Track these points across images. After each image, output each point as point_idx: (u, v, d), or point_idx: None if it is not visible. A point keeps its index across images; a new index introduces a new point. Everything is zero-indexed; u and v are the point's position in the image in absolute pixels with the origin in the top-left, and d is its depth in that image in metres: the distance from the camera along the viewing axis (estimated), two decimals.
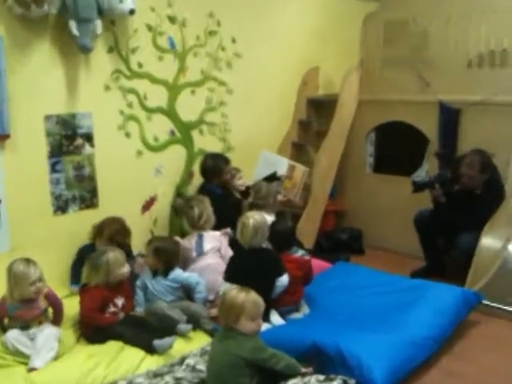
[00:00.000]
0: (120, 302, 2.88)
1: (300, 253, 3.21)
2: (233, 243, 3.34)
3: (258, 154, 4.18)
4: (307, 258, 3.21)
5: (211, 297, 3.17)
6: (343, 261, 3.97)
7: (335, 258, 3.96)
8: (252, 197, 3.64)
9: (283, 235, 3.19)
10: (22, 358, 2.57)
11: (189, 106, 3.89)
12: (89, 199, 3.47)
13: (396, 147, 4.49)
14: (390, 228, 4.43)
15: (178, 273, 3.09)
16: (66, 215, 3.36)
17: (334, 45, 4.68)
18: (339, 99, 4.49)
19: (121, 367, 2.55)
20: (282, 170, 4.08)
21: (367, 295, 3.19)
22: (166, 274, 3.07)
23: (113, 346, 2.69)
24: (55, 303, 2.78)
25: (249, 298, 2.30)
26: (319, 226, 4.39)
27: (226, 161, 3.87)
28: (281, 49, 4.41)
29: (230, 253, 3.33)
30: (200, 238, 3.39)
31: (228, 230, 3.44)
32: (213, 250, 3.34)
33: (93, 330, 2.80)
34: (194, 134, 3.98)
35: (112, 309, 2.86)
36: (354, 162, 4.69)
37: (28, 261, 2.66)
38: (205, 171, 3.80)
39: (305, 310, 3.11)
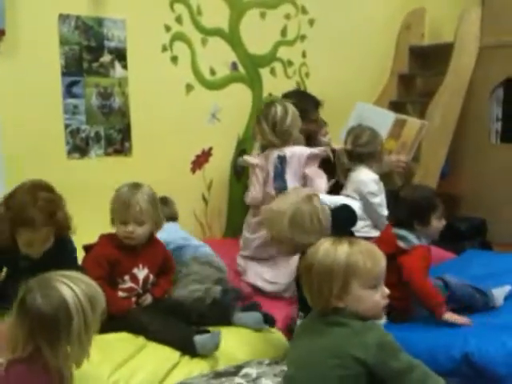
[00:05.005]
0: (141, 273, 1.87)
1: None
2: None
3: (349, 108, 3.05)
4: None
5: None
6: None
7: (458, 249, 2.86)
8: (349, 143, 2.51)
9: (422, 203, 1.92)
10: None
11: (257, 34, 2.95)
12: (119, 142, 2.55)
13: None
14: None
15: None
16: (86, 161, 2.45)
17: None
18: (455, 43, 3.47)
19: (137, 375, 1.58)
20: (384, 128, 2.94)
21: None
22: None
23: (129, 341, 1.72)
24: None
25: (358, 249, 1.28)
26: None
27: (317, 104, 2.77)
28: None
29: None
30: (282, 160, 2.32)
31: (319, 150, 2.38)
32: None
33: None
34: (264, 72, 3.03)
35: (128, 283, 1.84)
36: (474, 128, 3.64)
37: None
38: None
39: None
